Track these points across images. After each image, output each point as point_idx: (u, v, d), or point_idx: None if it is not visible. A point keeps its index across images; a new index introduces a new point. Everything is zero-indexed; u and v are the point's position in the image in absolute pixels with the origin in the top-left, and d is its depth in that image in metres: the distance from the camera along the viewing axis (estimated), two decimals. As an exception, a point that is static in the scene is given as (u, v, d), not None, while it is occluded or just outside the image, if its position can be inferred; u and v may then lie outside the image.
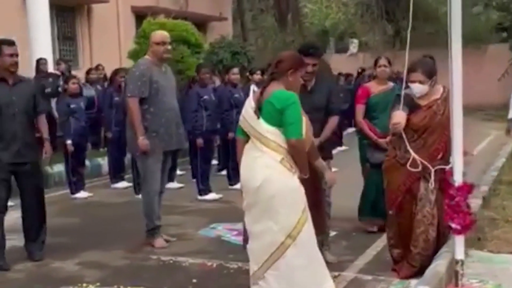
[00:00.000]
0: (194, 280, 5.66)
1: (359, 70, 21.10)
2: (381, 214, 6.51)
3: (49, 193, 10.19)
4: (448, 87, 5.78)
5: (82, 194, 10.09)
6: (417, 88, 5.56)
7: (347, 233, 7.29)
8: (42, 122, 6.59)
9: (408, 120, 5.54)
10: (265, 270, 4.47)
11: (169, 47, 6.83)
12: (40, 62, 13.13)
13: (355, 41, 36.39)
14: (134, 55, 15.42)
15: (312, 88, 5.95)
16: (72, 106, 9.99)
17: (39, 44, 13.93)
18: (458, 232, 4.99)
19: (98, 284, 5.60)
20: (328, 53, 37.31)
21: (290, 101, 4.49)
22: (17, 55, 6.18)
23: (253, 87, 9.63)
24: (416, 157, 5.38)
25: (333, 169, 6.16)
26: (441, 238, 5.66)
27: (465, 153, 5.59)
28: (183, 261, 6.24)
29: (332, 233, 7.09)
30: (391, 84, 7.46)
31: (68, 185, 10.19)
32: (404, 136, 5.31)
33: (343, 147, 14.14)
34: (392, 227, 5.86)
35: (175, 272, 5.97)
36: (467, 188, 4.98)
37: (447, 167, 5.13)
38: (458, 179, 4.98)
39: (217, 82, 13.36)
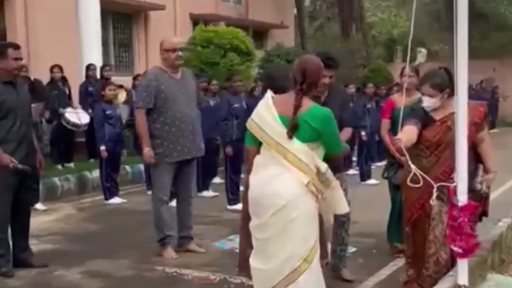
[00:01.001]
0: (191, 295, 5.49)
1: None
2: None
3: (85, 198, 10.36)
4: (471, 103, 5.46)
5: (115, 200, 10.08)
6: (426, 102, 5.24)
7: (368, 250, 6.99)
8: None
9: (421, 135, 5.22)
10: None
11: (180, 53, 6.67)
12: (90, 68, 13.24)
13: (423, 50, 35.63)
14: (185, 62, 15.41)
15: (326, 100, 5.63)
16: (107, 112, 9.97)
17: (90, 50, 14.07)
18: (461, 256, 4.65)
19: (94, 296, 5.51)
20: (395, 62, 36.71)
21: (329, 119, 4.29)
22: (21, 59, 6.18)
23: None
24: (418, 172, 5.03)
25: (373, 181, 5.80)
26: (454, 261, 5.29)
27: (486, 171, 5.31)
28: (186, 274, 6.07)
29: (352, 249, 6.89)
30: (418, 94, 7.05)
31: (102, 191, 10.18)
32: (405, 152, 4.95)
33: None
34: (409, 246, 5.53)
35: (175, 285, 5.82)
36: (471, 208, 4.63)
37: (452, 185, 4.76)
38: (462, 199, 4.65)
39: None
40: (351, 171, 12.39)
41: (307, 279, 4.18)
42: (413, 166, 4.94)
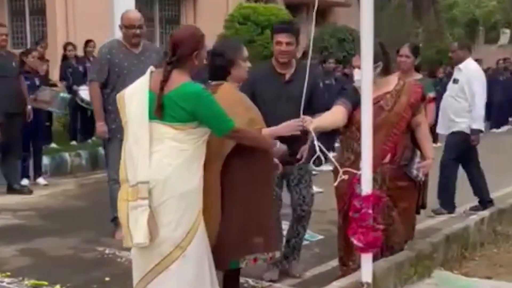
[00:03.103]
0: (107, 278, 5.28)
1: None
2: None
3: (95, 175, 10.30)
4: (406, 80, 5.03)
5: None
6: (356, 75, 4.80)
7: (333, 239, 6.52)
8: None
9: (352, 116, 4.79)
10: (145, 285, 3.92)
11: (138, 31, 6.41)
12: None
13: (507, 31, 34.13)
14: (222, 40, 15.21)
15: (291, 78, 5.18)
16: None
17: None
18: (361, 250, 4.24)
19: (8, 273, 5.40)
20: (477, 43, 35.35)
21: (200, 97, 3.78)
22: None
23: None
24: (332, 159, 4.62)
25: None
26: (385, 252, 4.87)
27: (424, 158, 4.89)
28: (122, 256, 5.83)
29: (318, 237, 6.59)
30: (418, 75, 6.55)
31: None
32: (314, 136, 4.49)
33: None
34: (341, 238, 5.11)
35: (103, 266, 5.64)
36: (374, 199, 4.19)
37: (358, 173, 4.32)
38: (366, 188, 4.21)
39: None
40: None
41: (181, 267, 3.84)
42: (327, 152, 4.50)
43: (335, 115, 4.76)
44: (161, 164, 3.79)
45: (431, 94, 6.29)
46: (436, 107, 7.76)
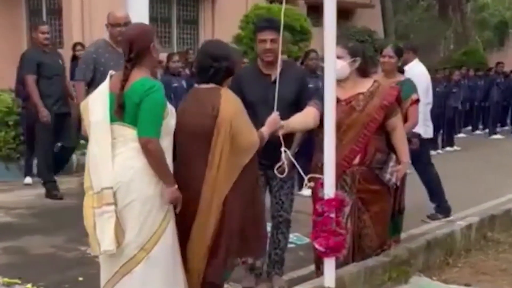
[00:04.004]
0: (81, 278, 5.28)
1: None
2: None
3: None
4: (380, 83, 4.93)
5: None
6: (336, 65, 4.61)
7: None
8: None
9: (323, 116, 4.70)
10: (111, 286, 3.89)
11: (124, 29, 6.35)
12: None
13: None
14: (238, 40, 15.15)
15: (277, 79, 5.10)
16: (174, 85, 9.59)
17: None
18: (323, 255, 4.16)
19: (-15, 273, 5.42)
20: (506, 46, 34.80)
21: (149, 91, 3.69)
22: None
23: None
24: (297, 166, 4.51)
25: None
26: (356, 256, 4.77)
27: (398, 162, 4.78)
28: (103, 256, 5.83)
29: (307, 240, 6.43)
30: (401, 77, 6.42)
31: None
32: (281, 136, 4.42)
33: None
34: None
35: (80, 266, 5.61)
36: (337, 203, 4.10)
37: (322, 177, 4.23)
38: (328, 192, 4.12)
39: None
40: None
41: (146, 270, 3.81)
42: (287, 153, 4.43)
43: (306, 116, 4.67)
44: (124, 167, 3.75)
45: (414, 96, 6.14)
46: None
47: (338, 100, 4.63)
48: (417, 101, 6.14)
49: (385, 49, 6.49)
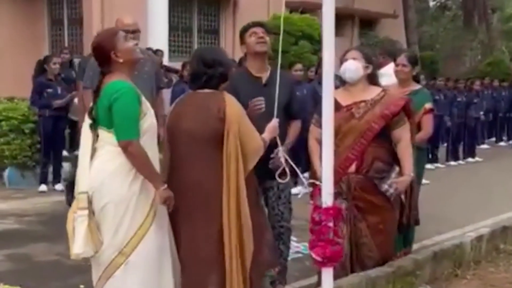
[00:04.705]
0: (82, 286, 5.22)
1: None
2: None
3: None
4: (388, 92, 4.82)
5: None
6: (351, 64, 4.66)
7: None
8: None
9: None
10: None
11: (131, 35, 6.30)
12: (157, 54, 13.23)
13: None
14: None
15: (268, 81, 4.99)
16: None
17: (157, 35, 14.06)
18: (320, 264, 4.04)
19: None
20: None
21: (117, 93, 3.68)
22: None
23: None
24: (298, 170, 4.44)
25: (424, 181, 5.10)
26: (355, 265, 4.66)
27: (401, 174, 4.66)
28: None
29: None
30: (415, 86, 6.26)
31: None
32: (279, 141, 4.39)
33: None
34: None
35: (83, 274, 5.54)
36: (335, 212, 3.99)
37: (319, 184, 4.12)
38: (327, 200, 4.02)
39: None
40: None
41: (126, 274, 3.78)
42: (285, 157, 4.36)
43: (316, 147, 4.64)
44: (98, 170, 3.77)
45: (428, 105, 5.99)
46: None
47: (340, 106, 4.57)
48: (431, 110, 5.99)
49: (398, 57, 6.35)
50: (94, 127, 3.81)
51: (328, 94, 4.01)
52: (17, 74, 9.74)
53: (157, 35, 14.03)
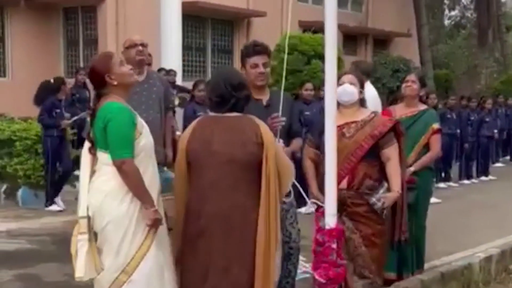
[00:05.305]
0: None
1: None
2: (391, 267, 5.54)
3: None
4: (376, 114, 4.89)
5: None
6: (348, 88, 4.77)
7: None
8: None
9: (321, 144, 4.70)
10: None
11: (141, 48, 6.33)
12: (170, 74, 13.33)
13: None
14: (270, 70, 15.14)
15: (268, 103, 5.01)
16: (198, 113, 9.66)
17: (170, 55, 14.16)
18: (322, 286, 4.06)
19: (-5, 299, 5.46)
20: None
21: (111, 114, 3.79)
22: None
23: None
24: (300, 188, 4.47)
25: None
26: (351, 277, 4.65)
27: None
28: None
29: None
30: (422, 106, 6.26)
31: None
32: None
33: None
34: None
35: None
36: (337, 233, 4.02)
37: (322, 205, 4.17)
38: (330, 222, 4.05)
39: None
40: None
41: None
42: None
43: (312, 168, 4.83)
44: (97, 191, 3.85)
45: (436, 126, 5.99)
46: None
47: None
48: (439, 130, 6.00)
49: (408, 75, 6.35)
50: (93, 149, 3.88)
51: (331, 118, 4.05)
52: (31, 95, 9.80)
53: (171, 55, 14.12)
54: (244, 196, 3.89)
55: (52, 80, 9.91)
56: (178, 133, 7.58)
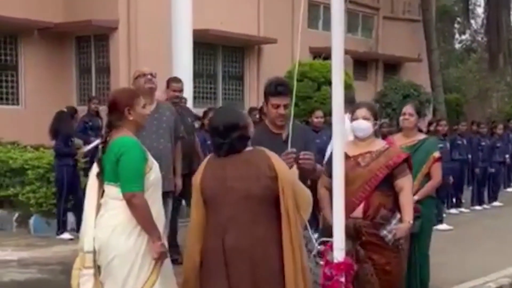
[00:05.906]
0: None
1: None
2: None
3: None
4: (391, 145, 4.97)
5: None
6: (362, 124, 4.87)
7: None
8: None
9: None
10: None
11: (150, 76, 6.41)
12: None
13: None
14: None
15: (287, 137, 4.91)
16: (208, 142, 9.69)
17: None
18: (332, 320, 4.06)
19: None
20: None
21: (125, 147, 3.88)
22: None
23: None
24: (308, 227, 4.48)
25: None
26: None
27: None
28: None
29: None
30: (420, 136, 6.30)
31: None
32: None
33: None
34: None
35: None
36: (346, 267, 4.04)
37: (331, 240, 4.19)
38: (338, 256, 4.07)
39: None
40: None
41: None
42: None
43: (327, 196, 4.79)
44: (104, 226, 3.89)
45: (436, 154, 6.04)
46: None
47: (347, 157, 4.67)
48: (439, 159, 6.05)
49: (404, 107, 6.38)
50: (101, 177, 3.95)
51: (338, 144, 4.08)
52: (44, 123, 9.91)
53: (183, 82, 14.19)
54: (265, 229, 3.82)
55: (65, 109, 10.04)
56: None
